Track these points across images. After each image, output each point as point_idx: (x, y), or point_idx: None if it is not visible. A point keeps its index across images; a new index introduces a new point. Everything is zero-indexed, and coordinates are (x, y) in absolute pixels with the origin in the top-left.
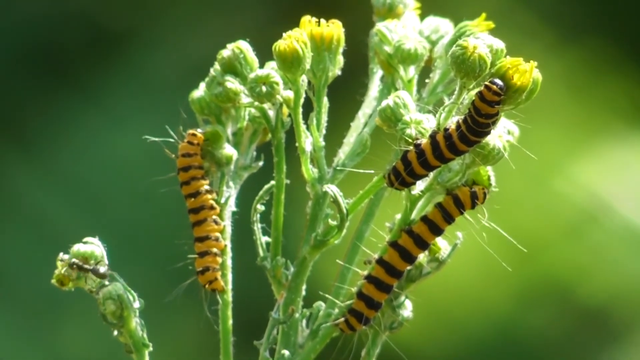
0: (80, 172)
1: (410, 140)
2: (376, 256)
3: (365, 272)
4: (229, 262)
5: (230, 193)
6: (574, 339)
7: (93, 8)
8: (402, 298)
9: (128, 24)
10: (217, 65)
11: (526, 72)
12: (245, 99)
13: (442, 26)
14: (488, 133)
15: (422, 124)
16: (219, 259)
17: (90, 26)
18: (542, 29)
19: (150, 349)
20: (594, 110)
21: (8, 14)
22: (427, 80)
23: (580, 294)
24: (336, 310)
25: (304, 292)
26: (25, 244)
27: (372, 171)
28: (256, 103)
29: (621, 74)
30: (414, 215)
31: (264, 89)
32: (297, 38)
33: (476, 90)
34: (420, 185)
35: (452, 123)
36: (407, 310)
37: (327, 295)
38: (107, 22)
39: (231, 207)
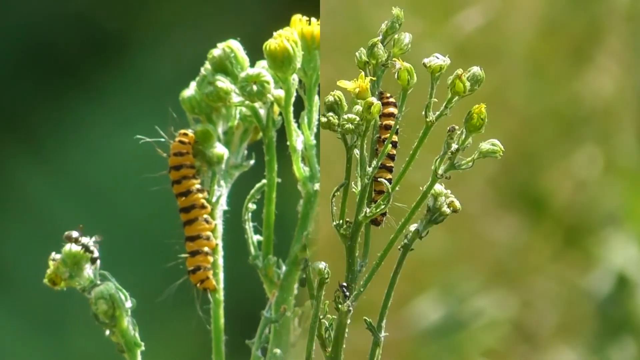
0: (88, 172)
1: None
2: None
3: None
4: (220, 261)
5: (222, 192)
6: None
7: (98, 9)
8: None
9: (133, 24)
10: (207, 65)
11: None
12: (236, 98)
13: None
14: None
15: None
16: (211, 258)
17: (96, 27)
18: None
19: (142, 348)
20: None
21: (13, 15)
22: None
23: None
24: None
25: (295, 291)
26: (33, 244)
27: None
28: (247, 102)
29: None
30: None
31: (254, 88)
32: (287, 37)
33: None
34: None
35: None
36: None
37: None
38: (112, 23)
39: (222, 206)
